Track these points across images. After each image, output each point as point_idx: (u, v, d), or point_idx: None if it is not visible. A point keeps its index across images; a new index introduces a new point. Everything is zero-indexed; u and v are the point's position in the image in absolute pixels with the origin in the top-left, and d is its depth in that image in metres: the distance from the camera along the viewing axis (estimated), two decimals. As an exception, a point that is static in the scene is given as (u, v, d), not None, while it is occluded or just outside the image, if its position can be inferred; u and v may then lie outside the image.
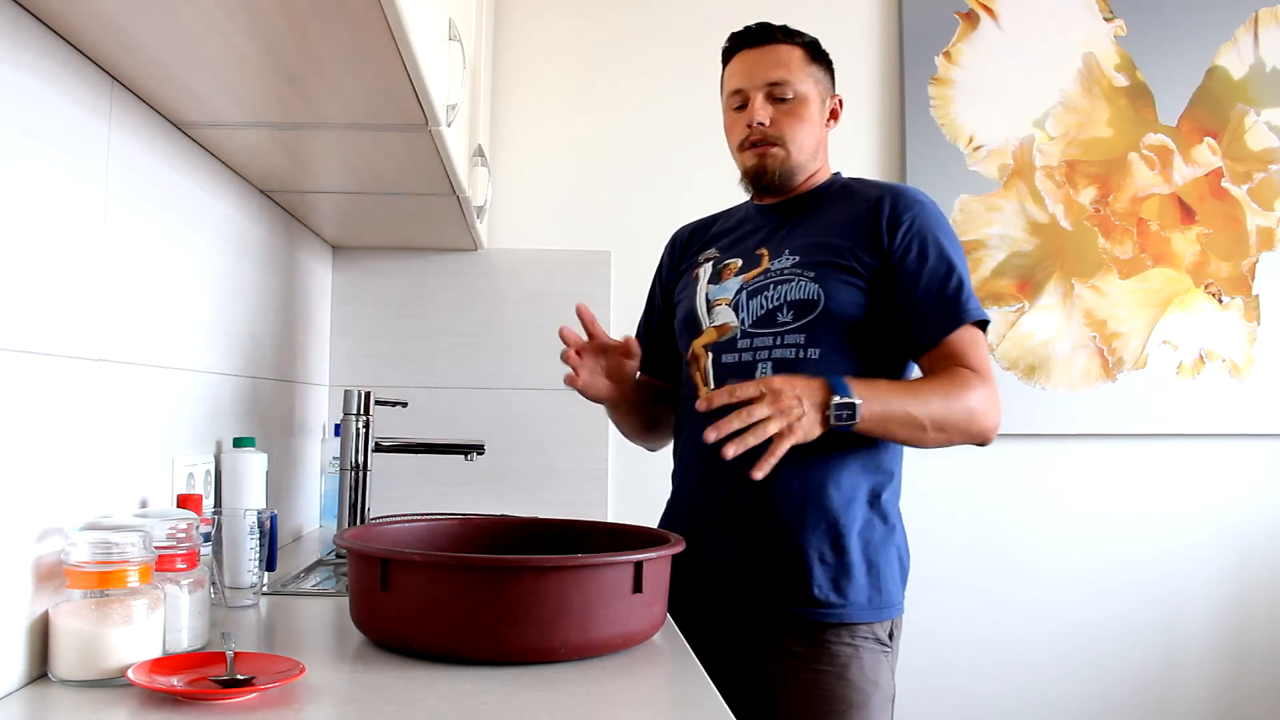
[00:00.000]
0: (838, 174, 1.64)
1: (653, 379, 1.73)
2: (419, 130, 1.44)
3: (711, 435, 1.29)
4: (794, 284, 1.49)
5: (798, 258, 1.51)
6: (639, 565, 1.14)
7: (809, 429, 1.32)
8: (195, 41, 1.10)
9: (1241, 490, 2.55)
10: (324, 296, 2.38)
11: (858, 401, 1.34)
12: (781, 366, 1.48)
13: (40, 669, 1.01)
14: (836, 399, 1.34)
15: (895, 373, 1.52)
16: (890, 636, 1.48)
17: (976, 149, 2.52)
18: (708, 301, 1.58)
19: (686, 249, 1.71)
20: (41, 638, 1.01)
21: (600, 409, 1.72)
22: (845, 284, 1.47)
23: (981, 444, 1.46)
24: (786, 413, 1.31)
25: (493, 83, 2.45)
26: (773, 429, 1.30)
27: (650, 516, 1.73)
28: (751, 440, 1.29)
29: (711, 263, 1.61)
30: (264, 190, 1.85)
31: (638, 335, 1.75)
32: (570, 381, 1.58)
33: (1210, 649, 2.53)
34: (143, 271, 1.31)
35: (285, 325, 2.04)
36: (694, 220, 1.76)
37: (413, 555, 1.13)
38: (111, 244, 1.21)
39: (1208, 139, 2.54)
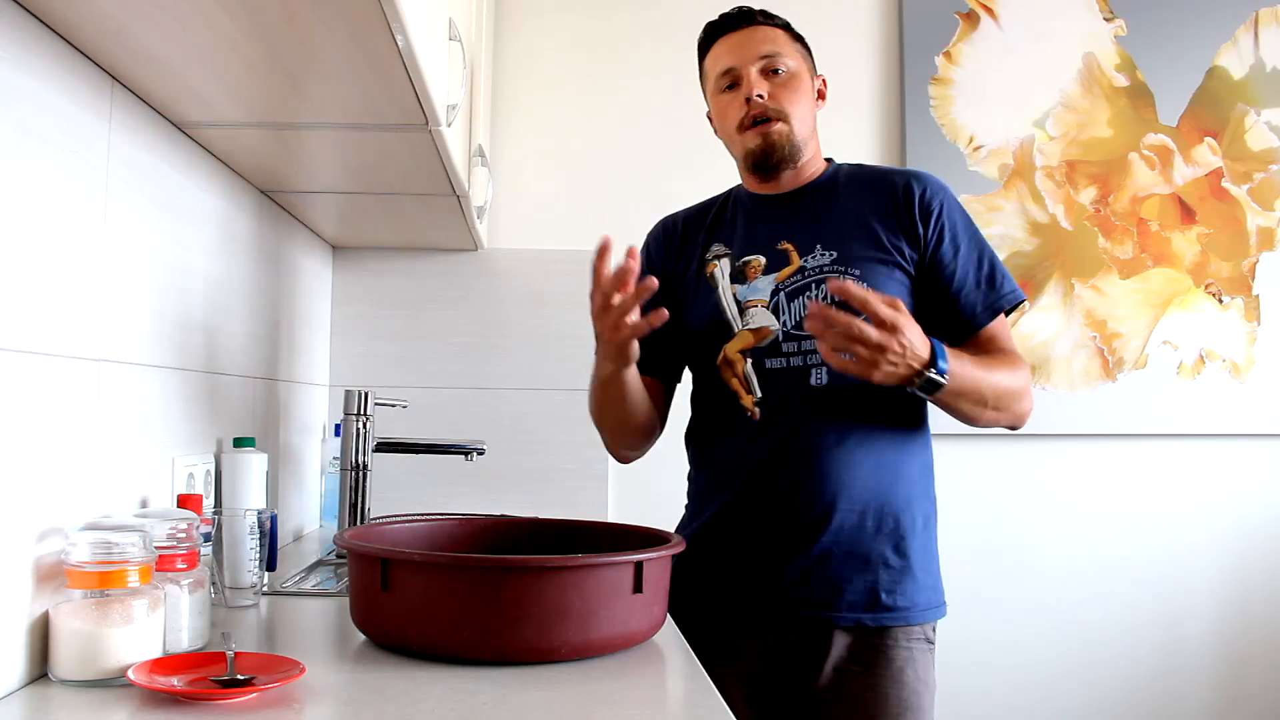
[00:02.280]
0: (831, 160, 1.60)
1: (646, 375, 1.57)
2: (419, 130, 1.44)
3: (816, 325, 1.25)
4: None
5: (834, 254, 1.47)
6: (639, 565, 1.13)
7: (887, 378, 1.29)
8: (195, 41, 1.10)
9: (1241, 490, 2.55)
10: (324, 296, 2.38)
11: (945, 382, 1.32)
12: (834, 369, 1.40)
13: (40, 669, 1.01)
14: (930, 373, 1.30)
15: None
16: (934, 631, 1.49)
17: (977, 149, 2.52)
18: (739, 303, 1.50)
19: (683, 243, 1.60)
20: (42, 638, 1.01)
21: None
22: (890, 279, 1.45)
23: (1017, 427, 1.48)
24: (886, 352, 1.26)
25: (493, 83, 2.45)
26: (864, 356, 1.26)
27: (650, 516, 1.73)
28: (850, 353, 1.26)
29: (727, 259, 1.53)
30: (264, 190, 1.85)
31: None
32: (620, 325, 1.37)
33: (1210, 649, 2.53)
34: (143, 271, 1.31)
35: (285, 325, 2.04)
36: (676, 212, 1.66)
37: (413, 555, 1.13)
38: (111, 244, 1.21)
39: (1208, 139, 2.54)
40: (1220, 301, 2.54)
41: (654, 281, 1.31)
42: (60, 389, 1.08)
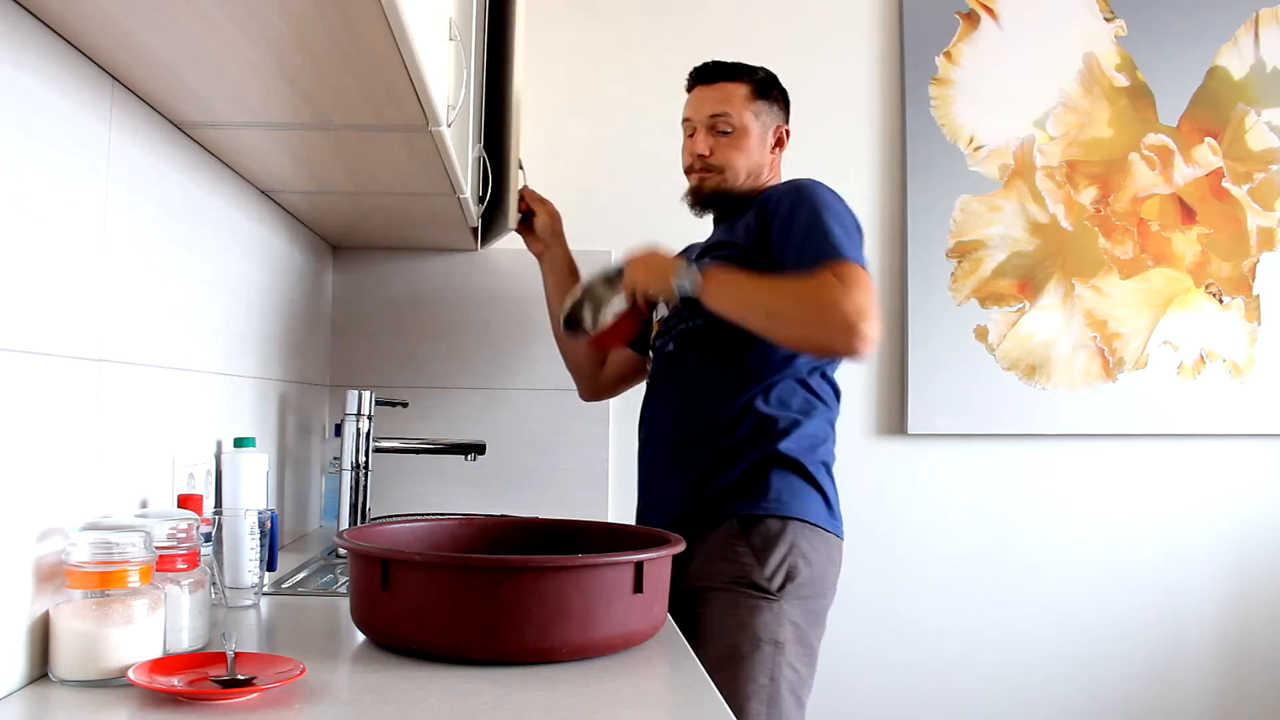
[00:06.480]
0: (765, 188, 1.77)
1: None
2: (419, 130, 1.44)
3: None
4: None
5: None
6: (639, 565, 1.14)
7: (648, 284, 1.65)
8: (196, 42, 1.10)
9: (1241, 490, 2.54)
10: (324, 296, 2.38)
11: (691, 284, 1.57)
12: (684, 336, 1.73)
13: (41, 669, 1.01)
14: (678, 279, 1.59)
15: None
16: (776, 580, 1.55)
17: (977, 149, 2.52)
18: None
19: None
20: (42, 638, 1.01)
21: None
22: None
23: (848, 350, 1.47)
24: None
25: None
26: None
27: (650, 516, 1.73)
28: None
29: None
30: (264, 190, 1.85)
31: None
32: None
33: (1210, 649, 2.53)
34: (143, 271, 1.31)
35: (285, 325, 2.04)
36: None
37: (413, 555, 1.13)
38: (111, 244, 1.21)
39: (1208, 139, 2.54)
40: (1220, 301, 2.54)
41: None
42: (60, 389, 1.08)
